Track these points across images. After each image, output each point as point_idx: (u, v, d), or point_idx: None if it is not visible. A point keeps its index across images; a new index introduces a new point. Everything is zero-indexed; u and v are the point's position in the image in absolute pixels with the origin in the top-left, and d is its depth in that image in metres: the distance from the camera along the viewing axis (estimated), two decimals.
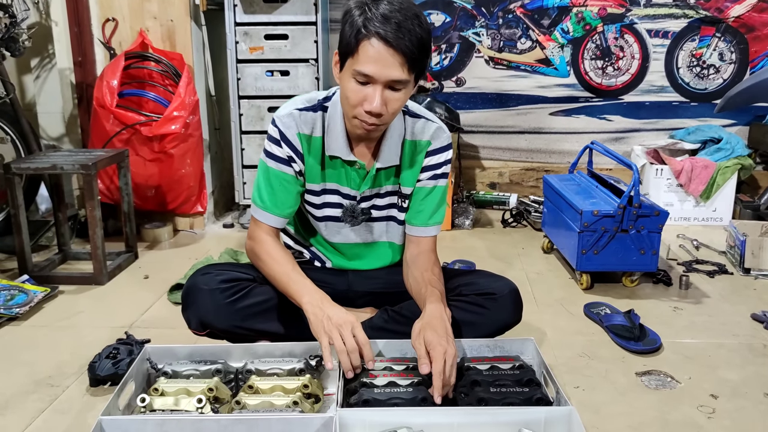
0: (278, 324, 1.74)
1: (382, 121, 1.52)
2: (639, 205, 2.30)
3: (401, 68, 1.44)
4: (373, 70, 1.44)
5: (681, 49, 3.54)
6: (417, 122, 1.70)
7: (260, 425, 1.33)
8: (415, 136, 1.69)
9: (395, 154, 1.67)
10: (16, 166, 2.44)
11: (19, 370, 1.84)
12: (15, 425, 1.56)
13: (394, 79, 1.45)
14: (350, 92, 1.50)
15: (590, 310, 2.19)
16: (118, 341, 1.87)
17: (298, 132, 1.64)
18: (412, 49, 1.43)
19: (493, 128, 3.71)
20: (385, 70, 1.44)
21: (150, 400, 1.45)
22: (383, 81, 1.45)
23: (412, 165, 1.71)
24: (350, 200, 1.73)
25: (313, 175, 1.70)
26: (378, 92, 1.46)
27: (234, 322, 1.69)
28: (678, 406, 1.64)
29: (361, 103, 1.49)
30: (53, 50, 3.13)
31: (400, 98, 1.50)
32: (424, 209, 1.73)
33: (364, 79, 1.46)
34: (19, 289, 2.27)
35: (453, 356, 1.44)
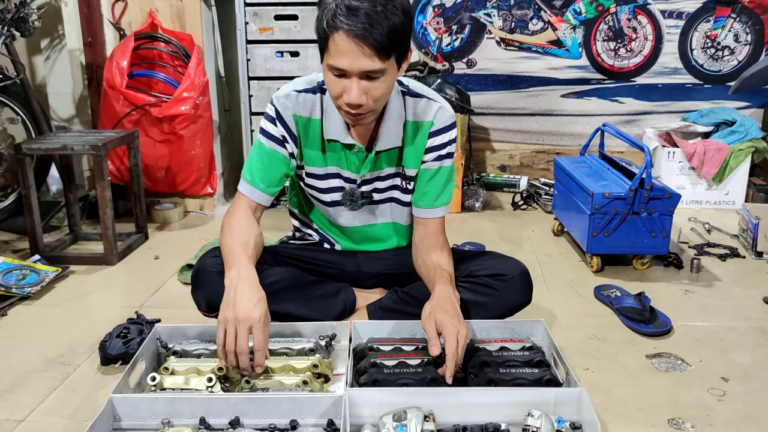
0: (288, 305, 1.74)
1: (365, 110, 1.49)
2: (650, 187, 2.29)
3: (372, 59, 1.40)
4: (344, 63, 1.42)
5: (695, 30, 3.50)
6: (419, 102, 1.67)
7: (270, 404, 1.34)
8: (417, 117, 1.67)
9: (396, 136, 1.65)
10: (27, 147, 2.44)
11: (32, 348, 1.85)
12: (28, 402, 1.58)
13: (367, 71, 1.42)
14: (330, 85, 1.49)
15: (600, 293, 2.18)
16: (128, 321, 1.88)
17: (294, 114, 1.63)
18: (381, 39, 1.39)
19: (504, 110, 3.68)
20: (357, 63, 1.41)
21: (160, 378, 1.47)
22: (356, 73, 1.43)
23: (414, 146, 1.69)
24: (350, 184, 1.72)
25: (314, 159, 1.70)
26: (354, 84, 1.44)
27: None
28: (688, 389, 1.63)
29: (341, 95, 1.47)
30: (63, 31, 3.13)
31: (380, 86, 1.46)
32: (430, 191, 1.72)
33: (339, 72, 1.44)
34: (31, 268, 2.28)
35: (465, 336, 1.44)
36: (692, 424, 1.48)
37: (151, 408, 1.35)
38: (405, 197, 1.76)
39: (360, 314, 1.80)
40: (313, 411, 1.34)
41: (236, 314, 1.40)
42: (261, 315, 1.42)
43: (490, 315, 1.69)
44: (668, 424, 1.49)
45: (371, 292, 1.89)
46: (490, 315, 1.69)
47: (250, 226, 1.61)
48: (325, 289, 1.80)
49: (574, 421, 1.31)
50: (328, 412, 1.33)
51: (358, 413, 1.33)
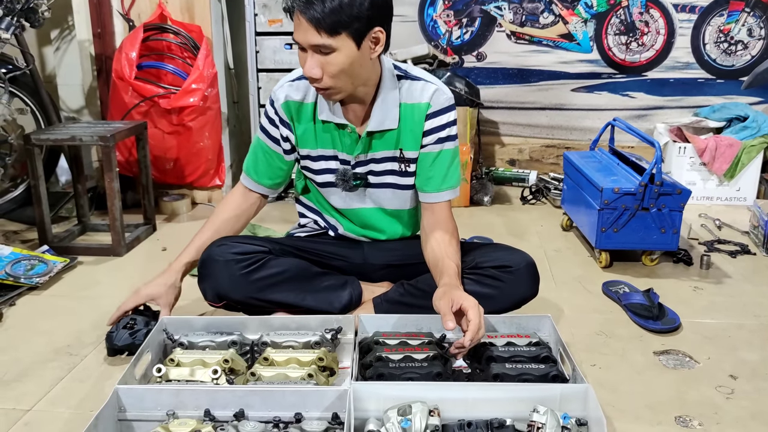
0: (294, 295, 1.74)
1: (324, 85, 1.55)
2: (661, 183, 2.27)
3: (316, 33, 1.47)
4: (297, 37, 1.52)
5: (708, 24, 3.46)
6: (414, 84, 1.68)
7: (275, 397, 1.34)
8: (413, 99, 1.68)
9: (390, 118, 1.67)
10: (36, 137, 2.45)
11: (39, 338, 1.86)
12: (34, 392, 1.58)
13: (315, 44, 1.49)
14: (300, 59, 1.57)
15: (609, 289, 2.16)
16: (135, 312, 1.88)
17: (283, 102, 1.71)
18: (321, 16, 1.45)
19: (514, 104, 3.66)
20: (304, 37, 1.49)
21: (166, 370, 1.47)
22: (308, 47, 1.51)
23: (412, 129, 1.69)
24: (344, 165, 1.74)
25: (306, 141, 1.75)
26: (308, 57, 1.52)
27: (249, 293, 1.70)
28: (696, 386, 1.62)
29: (302, 69, 1.56)
30: (73, 22, 3.13)
31: (334, 61, 1.51)
32: (434, 175, 1.71)
33: (299, 46, 1.53)
34: (39, 259, 2.29)
35: (482, 312, 1.45)
36: (699, 422, 1.47)
37: (156, 399, 1.35)
38: (404, 180, 1.76)
39: (366, 307, 1.80)
40: (318, 404, 1.33)
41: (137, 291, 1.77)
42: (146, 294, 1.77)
43: (497, 307, 1.68)
44: (675, 421, 1.48)
45: (378, 286, 1.88)
46: (497, 307, 1.68)
47: (226, 218, 1.83)
48: (331, 281, 1.80)
49: (579, 418, 1.30)
50: (332, 405, 1.33)
51: (363, 407, 1.33)
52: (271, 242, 1.80)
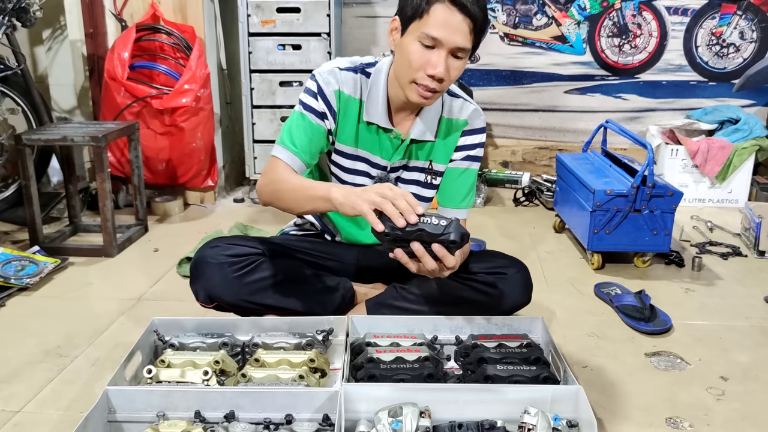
0: (286, 299, 1.73)
1: (441, 87, 1.53)
2: (653, 184, 2.27)
3: (468, 35, 1.46)
4: (441, 33, 1.45)
5: (700, 27, 3.47)
6: (455, 101, 1.71)
7: (265, 398, 1.33)
8: (453, 115, 1.70)
9: (430, 130, 1.68)
10: (27, 138, 2.44)
11: (29, 339, 1.85)
12: (23, 394, 1.57)
13: (460, 47, 1.47)
14: (414, 55, 1.49)
15: (601, 290, 2.17)
16: None
17: (336, 89, 1.63)
18: (480, 14, 1.45)
19: (507, 106, 3.67)
20: (453, 36, 1.45)
21: (156, 371, 1.46)
22: (450, 46, 1.46)
23: (446, 142, 1.72)
24: (380, 169, 1.72)
25: (347, 138, 1.69)
26: (443, 57, 1.47)
27: (241, 296, 1.69)
28: (687, 388, 1.62)
29: (423, 66, 1.48)
30: (65, 22, 3.12)
31: (459, 67, 1.51)
32: (457, 192, 1.75)
33: (431, 42, 1.46)
34: (30, 260, 2.28)
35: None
36: (690, 423, 1.48)
37: (147, 401, 1.34)
38: (426, 192, 1.77)
39: (358, 309, 1.79)
40: (309, 406, 1.33)
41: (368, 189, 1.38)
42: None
43: (490, 313, 1.68)
44: (666, 423, 1.48)
45: (370, 287, 1.87)
46: (490, 313, 1.68)
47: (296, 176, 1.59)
48: (323, 283, 1.79)
49: (571, 419, 1.30)
50: (323, 407, 1.33)
51: (354, 408, 1.32)
52: (264, 243, 1.78)
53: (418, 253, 1.33)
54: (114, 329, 1.91)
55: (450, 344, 1.64)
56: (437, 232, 1.31)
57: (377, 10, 3.58)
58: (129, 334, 1.84)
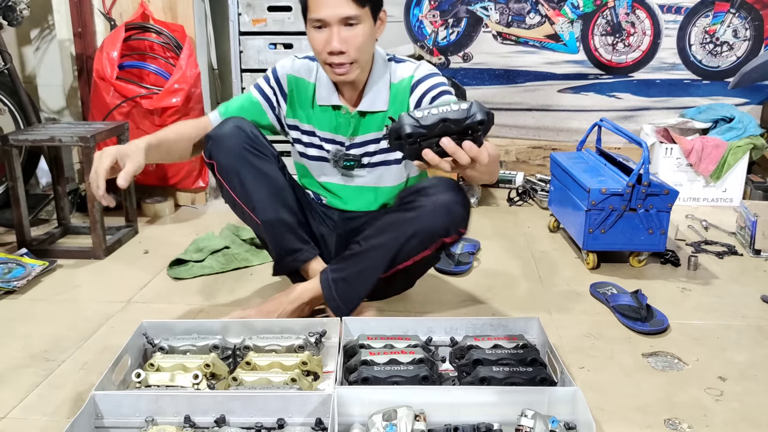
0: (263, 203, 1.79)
1: (349, 58, 1.64)
2: (648, 183, 2.25)
3: (348, 4, 1.58)
4: (324, 13, 1.59)
5: (694, 25, 3.46)
6: (401, 66, 1.80)
7: (257, 402, 1.30)
8: (400, 77, 1.79)
9: (380, 100, 1.77)
10: (14, 138, 2.40)
11: (15, 343, 1.81)
12: (9, 399, 1.54)
13: (345, 16, 1.59)
14: (313, 42, 1.65)
15: (596, 290, 2.15)
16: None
17: (288, 73, 1.83)
18: None
19: (500, 105, 3.64)
20: (335, 10, 1.58)
21: (145, 375, 1.43)
22: (336, 20, 1.59)
23: (399, 106, 1.77)
24: (337, 145, 1.85)
25: (303, 117, 1.86)
26: (334, 32, 1.60)
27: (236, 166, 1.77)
28: (685, 388, 1.60)
29: (324, 48, 1.63)
30: (53, 21, 3.08)
31: (359, 33, 1.62)
32: None
33: (320, 23, 1.61)
34: (17, 262, 2.24)
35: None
36: (689, 425, 1.45)
37: (135, 405, 1.31)
38: (397, 154, 1.83)
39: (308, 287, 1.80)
40: (301, 410, 1.30)
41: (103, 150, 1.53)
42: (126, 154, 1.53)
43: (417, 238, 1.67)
44: (664, 424, 1.46)
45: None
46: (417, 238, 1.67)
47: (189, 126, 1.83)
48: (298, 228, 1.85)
49: (568, 421, 1.28)
50: (316, 410, 1.30)
51: (347, 412, 1.30)
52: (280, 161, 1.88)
53: (449, 150, 1.19)
54: (102, 332, 1.88)
55: (445, 345, 1.61)
56: (462, 117, 1.19)
57: None
58: (118, 337, 1.81)
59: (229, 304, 2.05)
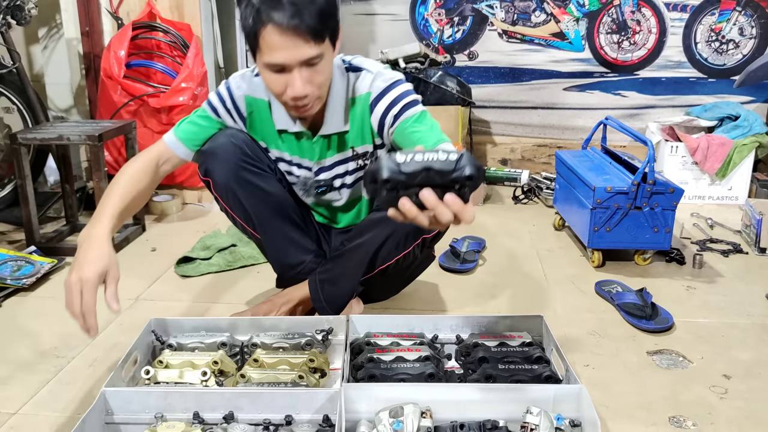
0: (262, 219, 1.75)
1: (311, 99, 1.49)
2: (653, 182, 2.26)
3: (309, 46, 1.39)
4: (281, 58, 1.40)
5: (700, 23, 3.46)
6: (358, 77, 1.63)
7: (265, 399, 1.32)
8: (356, 92, 1.64)
9: (342, 119, 1.63)
10: (23, 137, 2.42)
11: (25, 340, 1.83)
12: (20, 395, 1.56)
13: (307, 59, 1.40)
14: (270, 84, 1.47)
15: (601, 288, 2.15)
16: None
17: (247, 94, 1.66)
18: (312, 23, 1.37)
19: (506, 103, 3.65)
20: (294, 54, 1.39)
21: (154, 372, 1.45)
22: (296, 64, 1.41)
23: (360, 124, 1.65)
24: (305, 170, 1.74)
25: (271, 143, 1.73)
26: (296, 76, 1.42)
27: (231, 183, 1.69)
28: (690, 386, 1.61)
29: (284, 91, 1.46)
30: (60, 20, 3.10)
31: (322, 70, 1.46)
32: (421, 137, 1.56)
33: (278, 68, 1.42)
34: (26, 260, 2.26)
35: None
36: (693, 422, 1.46)
37: (144, 402, 1.33)
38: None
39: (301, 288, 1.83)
40: (309, 406, 1.32)
41: (80, 275, 1.35)
42: (106, 271, 1.38)
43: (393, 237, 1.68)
44: (669, 422, 1.47)
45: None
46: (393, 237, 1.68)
47: (143, 177, 1.60)
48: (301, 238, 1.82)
49: (573, 419, 1.29)
50: (323, 407, 1.31)
51: (354, 409, 1.31)
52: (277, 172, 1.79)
53: (429, 204, 1.06)
54: (111, 330, 1.89)
55: (450, 343, 1.62)
56: (448, 168, 1.05)
57: (375, 7, 3.57)
58: (126, 334, 1.83)
59: (237, 301, 2.07)
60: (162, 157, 1.67)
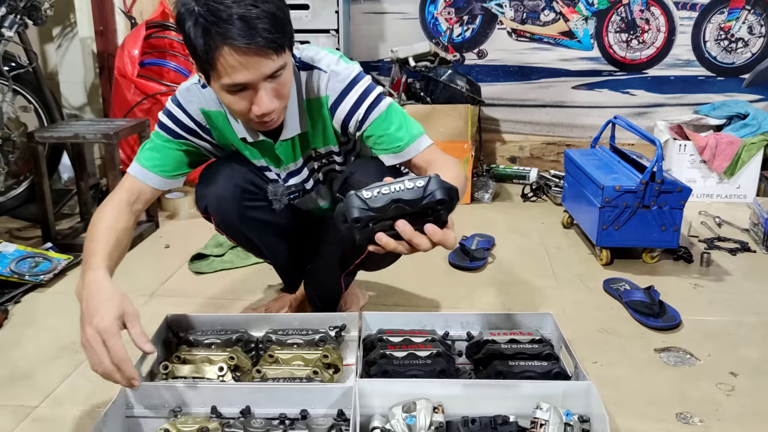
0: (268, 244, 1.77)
1: (279, 112, 1.38)
2: (661, 180, 2.28)
3: (271, 60, 1.27)
4: (243, 78, 1.27)
5: (709, 22, 3.47)
6: (311, 76, 1.49)
7: (281, 394, 1.35)
8: (311, 94, 1.51)
9: (303, 122, 1.51)
10: (40, 135, 2.46)
11: (45, 335, 1.87)
12: (42, 389, 1.60)
13: (271, 72, 1.29)
14: (231, 104, 1.35)
15: (610, 286, 2.18)
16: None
17: (201, 107, 1.52)
18: (271, 36, 1.25)
19: (515, 101, 3.67)
20: (257, 73, 1.27)
21: (172, 367, 1.48)
22: (260, 80, 1.29)
23: (322, 125, 1.55)
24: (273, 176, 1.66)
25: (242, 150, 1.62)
26: (262, 94, 1.31)
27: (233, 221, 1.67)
28: (697, 383, 1.64)
29: (248, 109, 1.34)
30: (75, 19, 3.13)
31: (286, 80, 1.34)
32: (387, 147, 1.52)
33: (240, 87, 1.30)
34: (44, 256, 2.30)
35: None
36: (700, 419, 1.49)
37: (164, 396, 1.36)
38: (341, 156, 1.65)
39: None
40: (324, 401, 1.35)
41: (96, 327, 1.21)
42: (122, 312, 1.25)
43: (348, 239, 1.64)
44: (676, 418, 1.49)
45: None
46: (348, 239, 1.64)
47: (120, 218, 1.46)
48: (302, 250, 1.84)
49: (582, 414, 1.32)
50: (338, 402, 1.34)
51: (368, 404, 1.34)
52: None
53: (405, 237, 1.07)
54: None
55: (461, 340, 1.65)
56: (417, 196, 1.05)
57: (385, 6, 3.59)
58: None
59: (250, 298, 2.10)
60: (132, 195, 1.52)
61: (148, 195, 1.55)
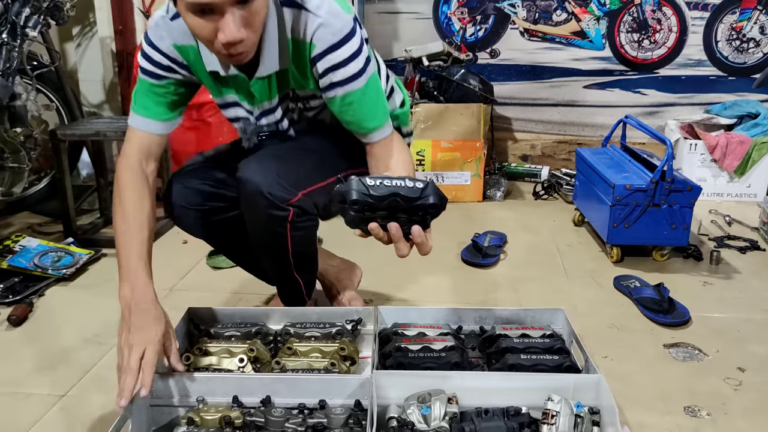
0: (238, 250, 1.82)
1: (248, 44, 1.27)
2: (672, 179, 2.30)
3: None
4: None
5: (720, 22, 3.48)
6: (299, 15, 1.37)
7: (300, 384, 1.39)
8: (296, 34, 1.39)
9: (282, 58, 1.40)
10: (62, 132, 2.51)
11: (68, 328, 1.93)
12: (67, 379, 1.65)
13: None
14: (196, 29, 1.25)
15: (620, 283, 2.21)
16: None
17: (173, 43, 1.43)
18: None
19: (527, 100, 3.70)
20: None
21: (194, 359, 1.52)
22: (227, 4, 1.19)
23: (300, 67, 1.44)
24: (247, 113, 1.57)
25: (210, 88, 1.54)
26: (228, 19, 1.21)
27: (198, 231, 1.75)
28: (705, 378, 1.67)
29: (214, 36, 1.24)
30: (94, 19, 3.19)
31: (258, 9, 1.24)
32: (351, 120, 1.49)
33: (203, 8, 1.20)
34: (66, 251, 2.36)
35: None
36: (708, 412, 1.52)
37: (188, 387, 1.41)
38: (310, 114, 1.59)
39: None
40: (341, 392, 1.39)
41: (143, 338, 1.33)
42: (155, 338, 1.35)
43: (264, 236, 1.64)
44: (684, 411, 1.53)
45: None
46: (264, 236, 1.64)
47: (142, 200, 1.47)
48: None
49: (592, 407, 1.35)
50: (355, 393, 1.39)
51: (384, 395, 1.38)
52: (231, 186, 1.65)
53: (393, 237, 1.15)
54: None
55: (474, 334, 1.69)
56: (414, 196, 1.13)
57: (399, 5, 3.63)
58: None
59: (266, 292, 2.15)
60: (142, 153, 1.49)
61: (157, 145, 1.52)
